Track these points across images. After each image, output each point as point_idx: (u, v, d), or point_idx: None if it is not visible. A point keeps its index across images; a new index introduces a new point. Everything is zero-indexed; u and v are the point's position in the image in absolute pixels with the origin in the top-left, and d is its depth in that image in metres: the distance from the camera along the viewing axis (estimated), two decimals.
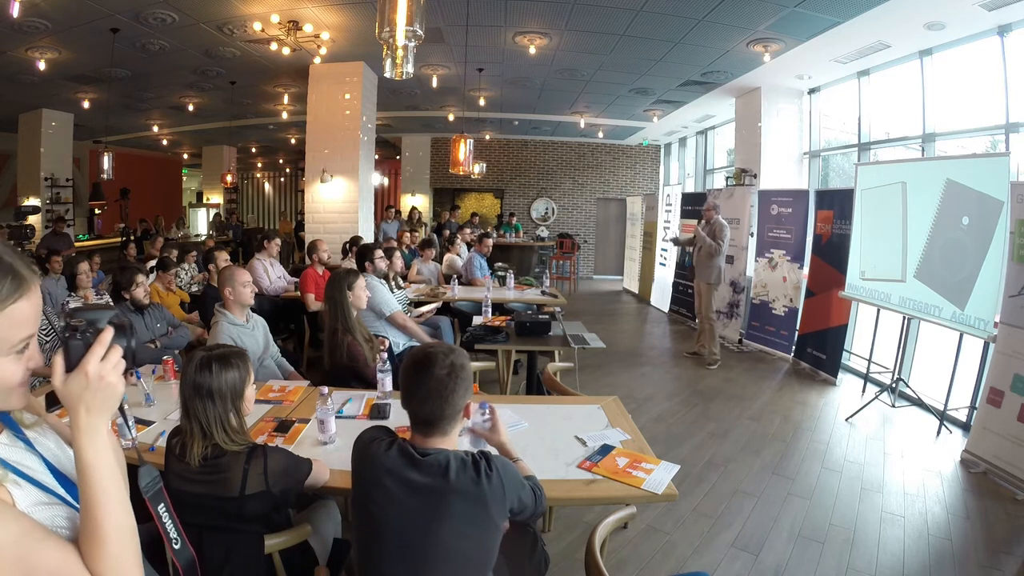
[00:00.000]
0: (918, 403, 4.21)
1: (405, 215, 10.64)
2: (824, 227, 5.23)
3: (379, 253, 3.92)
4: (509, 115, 9.44)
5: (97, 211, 10.92)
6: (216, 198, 13.39)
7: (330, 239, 5.94)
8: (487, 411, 1.64)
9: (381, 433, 1.35)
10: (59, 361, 0.72)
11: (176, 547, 0.83)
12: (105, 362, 0.72)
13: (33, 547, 0.64)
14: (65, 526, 0.72)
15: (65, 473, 0.78)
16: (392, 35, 2.44)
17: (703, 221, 5.47)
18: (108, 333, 0.74)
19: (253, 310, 2.92)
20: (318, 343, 4.47)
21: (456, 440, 1.37)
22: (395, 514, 1.26)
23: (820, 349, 5.12)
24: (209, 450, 1.47)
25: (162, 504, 0.82)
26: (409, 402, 1.32)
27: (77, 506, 0.75)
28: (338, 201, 6.61)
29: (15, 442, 0.77)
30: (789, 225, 5.72)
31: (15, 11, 4.06)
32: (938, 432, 3.79)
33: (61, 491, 0.76)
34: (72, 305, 1.85)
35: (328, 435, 1.94)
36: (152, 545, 1.13)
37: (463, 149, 5.93)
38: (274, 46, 5.17)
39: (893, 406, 4.21)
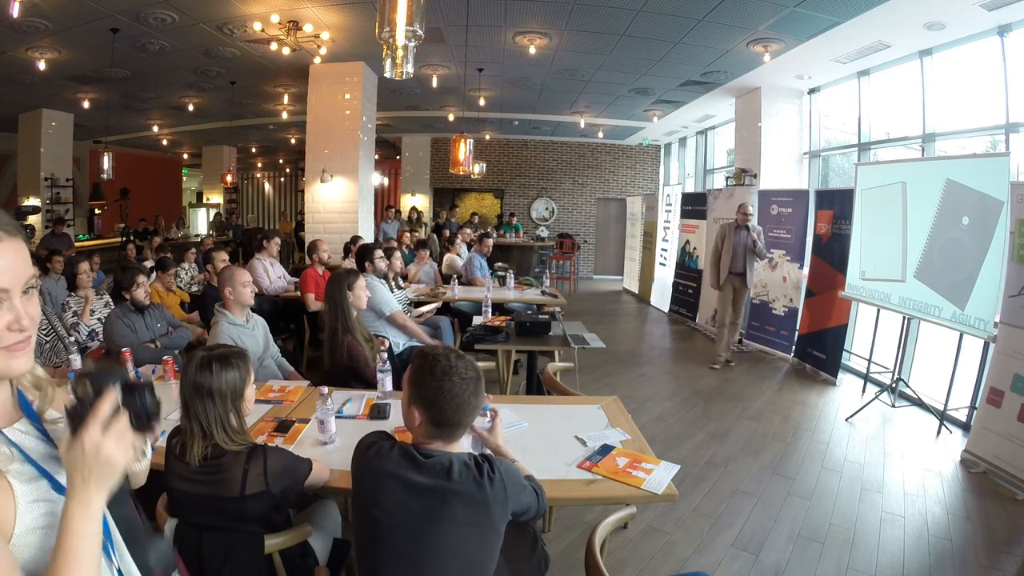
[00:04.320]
0: (918, 403, 4.21)
1: (405, 215, 10.64)
2: (824, 227, 5.22)
3: (379, 253, 3.93)
4: (509, 115, 9.44)
5: (97, 211, 10.93)
6: (216, 198, 13.40)
7: (330, 239, 5.93)
8: (488, 412, 1.63)
9: (381, 437, 1.34)
10: (67, 433, 0.70)
11: None
12: (107, 434, 0.70)
13: None
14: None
15: None
16: (392, 35, 2.44)
17: (743, 225, 5.18)
18: (107, 400, 0.71)
19: (253, 310, 2.92)
20: (318, 343, 4.47)
21: (459, 443, 1.37)
22: (397, 516, 1.25)
23: (820, 349, 5.12)
24: (209, 450, 1.47)
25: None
26: (440, 407, 1.28)
27: None
28: (338, 201, 6.61)
29: (31, 430, 0.76)
30: (789, 225, 5.72)
31: (15, 11, 4.06)
32: (938, 432, 3.79)
33: None
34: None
35: (328, 435, 1.94)
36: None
37: (463, 149, 5.93)
38: (274, 46, 5.17)
39: (893, 406, 4.20)
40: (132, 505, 0.87)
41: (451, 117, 9.23)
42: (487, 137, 11.53)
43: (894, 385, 4.23)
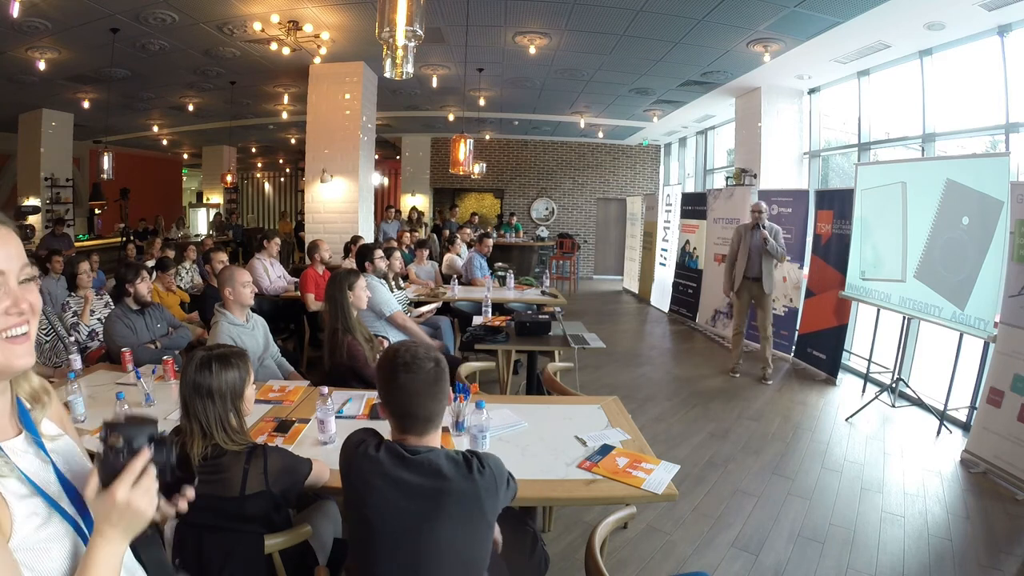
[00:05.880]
0: (918, 403, 4.21)
1: (405, 215, 10.65)
2: (824, 227, 5.22)
3: (379, 253, 3.93)
4: (509, 115, 9.43)
5: (97, 211, 10.92)
6: (216, 198, 13.39)
7: (330, 239, 5.93)
8: (484, 411, 1.63)
9: (368, 435, 1.34)
10: (94, 476, 0.72)
11: None
12: (136, 487, 0.71)
13: None
14: (57, 546, 0.70)
15: (76, 485, 0.77)
16: (392, 35, 2.44)
17: (757, 226, 4.84)
18: (143, 457, 0.73)
19: (253, 310, 2.92)
20: (318, 343, 4.47)
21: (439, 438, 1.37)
22: (389, 516, 1.25)
23: (820, 349, 5.12)
24: (209, 450, 1.47)
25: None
26: (398, 402, 1.30)
27: (77, 521, 0.74)
28: (338, 201, 6.61)
29: (28, 447, 0.75)
30: (789, 225, 5.71)
31: (15, 11, 4.06)
32: (938, 432, 3.79)
33: (66, 503, 0.74)
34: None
35: (328, 435, 1.94)
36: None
37: (463, 149, 5.92)
38: (274, 46, 5.17)
39: (893, 406, 4.20)
40: (161, 546, 0.89)
41: (451, 117, 9.22)
42: (487, 137, 11.53)
43: (894, 385, 4.23)
